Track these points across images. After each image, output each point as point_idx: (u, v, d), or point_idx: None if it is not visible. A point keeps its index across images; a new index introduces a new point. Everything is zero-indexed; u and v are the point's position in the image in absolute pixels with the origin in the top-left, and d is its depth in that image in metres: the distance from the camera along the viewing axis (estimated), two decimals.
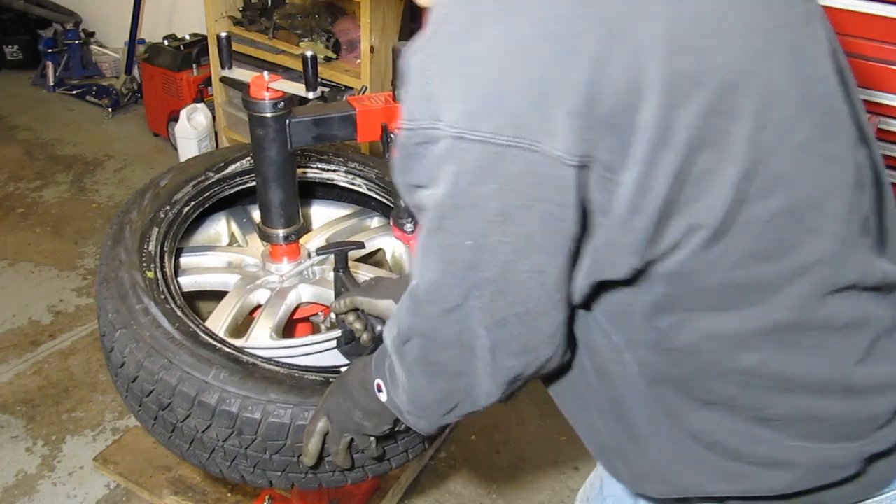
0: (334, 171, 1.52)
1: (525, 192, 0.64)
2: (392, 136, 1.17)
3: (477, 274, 0.69)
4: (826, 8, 0.79)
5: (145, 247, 1.21)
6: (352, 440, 1.01)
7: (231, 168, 1.43)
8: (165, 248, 1.24)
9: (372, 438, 1.01)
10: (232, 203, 1.51)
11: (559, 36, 0.61)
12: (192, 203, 1.35)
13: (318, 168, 1.51)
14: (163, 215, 1.29)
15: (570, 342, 0.79)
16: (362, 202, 1.60)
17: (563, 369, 0.85)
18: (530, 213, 0.65)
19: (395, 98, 1.19)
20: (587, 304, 0.77)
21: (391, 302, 1.09)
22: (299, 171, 1.47)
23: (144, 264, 1.17)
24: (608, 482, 1.19)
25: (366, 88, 1.58)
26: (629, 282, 0.72)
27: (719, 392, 0.78)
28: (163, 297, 1.13)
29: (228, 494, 1.96)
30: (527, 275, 0.68)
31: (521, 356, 0.74)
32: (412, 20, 2.83)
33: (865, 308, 0.76)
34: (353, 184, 1.51)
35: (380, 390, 0.90)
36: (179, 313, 1.11)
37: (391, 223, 1.34)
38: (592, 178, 0.65)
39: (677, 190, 0.65)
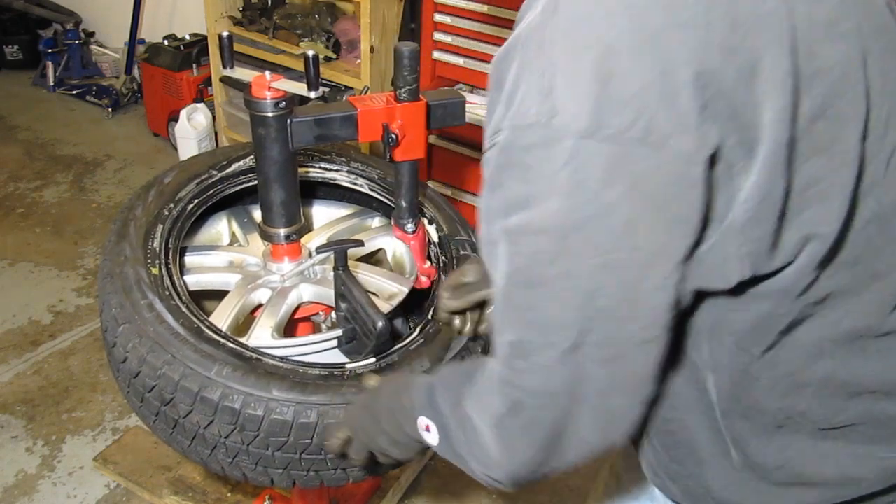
0: (337, 170, 1.52)
1: (654, 193, 0.58)
2: (394, 136, 1.17)
3: (598, 300, 0.61)
4: None
5: (150, 243, 1.21)
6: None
7: (234, 166, 1.44)
8: (170, 245, 1.24)
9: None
10: (234, 202, 1.51)
11: (692, 26, 0.57)
12: (196, 201, 1.35)
13: (320, 168, 1.52)
14: (167, 212, 1.29)
15: None
16: (364, 202, 1.61)
17: None
18: (659, 218, 0.59)
19: (396, 98, 1.19)
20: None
21: None
22: (302, 170, 1.47)
23: (149, 260, 1.18)
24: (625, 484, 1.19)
25: (367, 89, 1.58)
26: (731, 296, 0.68)
27: (789, 409, 0.76)
28: (167, 293, 1.14)
29: (228, 494, 1.96)
30: (651, 293, 0.62)
31: (630, 394, 0.68)
32: (412, 20, 2.84)
33: None
34: (355, 184, 1.52)
35: (427, 431, 0.82)
36: (184, 309, 1.12)
37: (392, 223, 1.34)
38: (715, 179, 0.60)
39: (793, 197, 0.63)
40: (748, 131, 0.59)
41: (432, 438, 0.82)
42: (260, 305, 1.29)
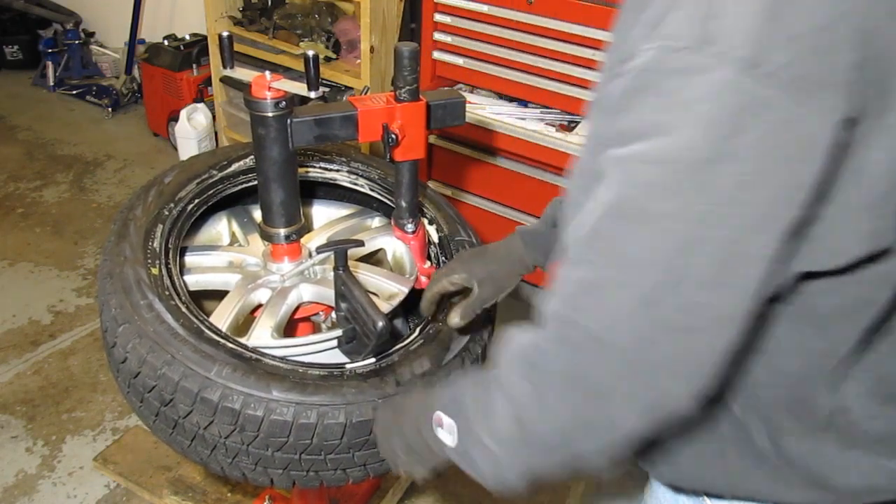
0: (337, 170, 1.52)
1: (782, 149, 0.55)
2: (394, 136, 1.17)
3: (692, 254, 0.57)
4: None
5: (149, 243, 1.21)
6: None
7: (234, 166, 1.44)
8: (170, 245, 1.24)
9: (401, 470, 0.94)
10: (234, 202, 1.51)
11: None
12: (196, 201, 1.35)
13: (320, 168, 1.52)
14: (167, 213, 1.29)
15: None
16: (364, 202, 1.61)
17: None
18: (777, 177, 0.55)
19: (396, 98, 1.19)
20: None
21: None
22: (302, 170, 1.47)
23: (149, 260, 1.18)
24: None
25: (367, 89, 1.58)
26: (827, 277, 0.65)
27: (838, 405, 0.74)
28: (167, 293, 1.13)
29: (228, 494, 1.96)
30: (747, 262, 0.58)
31: (686, 380, 0.61)
32: (412, 20, 2.84)
33: None
34: (355, 184, 1.52)
35: (440, 426, 0.79)
36: (184, 309, 1.11)
37: (392, 223, 1.34)
38: (846, 146, 0.57)
39: None
40: (888, 98, 0.57)
41: (444, 434, 0.79)
42: (260, 305, 1.29)
